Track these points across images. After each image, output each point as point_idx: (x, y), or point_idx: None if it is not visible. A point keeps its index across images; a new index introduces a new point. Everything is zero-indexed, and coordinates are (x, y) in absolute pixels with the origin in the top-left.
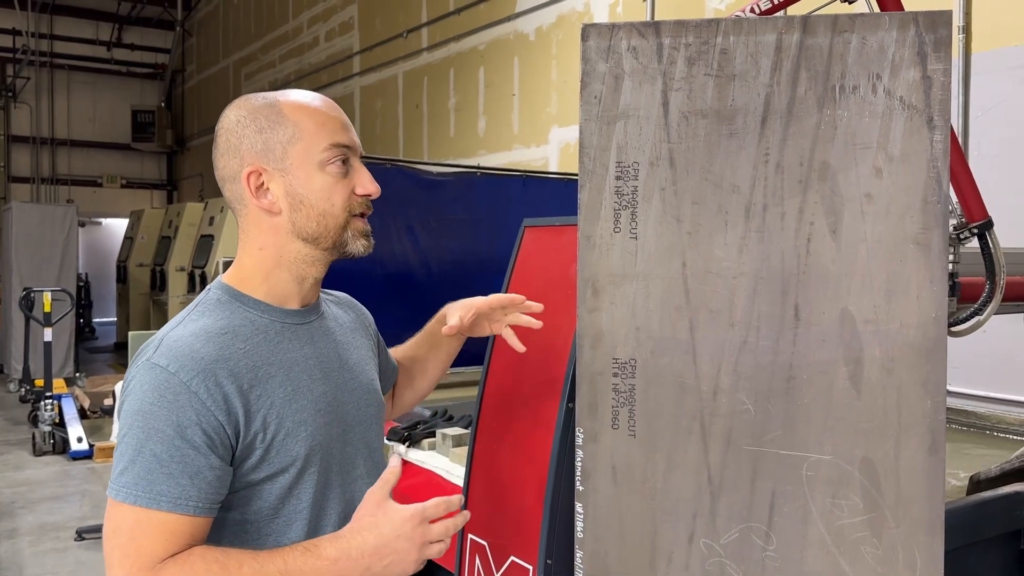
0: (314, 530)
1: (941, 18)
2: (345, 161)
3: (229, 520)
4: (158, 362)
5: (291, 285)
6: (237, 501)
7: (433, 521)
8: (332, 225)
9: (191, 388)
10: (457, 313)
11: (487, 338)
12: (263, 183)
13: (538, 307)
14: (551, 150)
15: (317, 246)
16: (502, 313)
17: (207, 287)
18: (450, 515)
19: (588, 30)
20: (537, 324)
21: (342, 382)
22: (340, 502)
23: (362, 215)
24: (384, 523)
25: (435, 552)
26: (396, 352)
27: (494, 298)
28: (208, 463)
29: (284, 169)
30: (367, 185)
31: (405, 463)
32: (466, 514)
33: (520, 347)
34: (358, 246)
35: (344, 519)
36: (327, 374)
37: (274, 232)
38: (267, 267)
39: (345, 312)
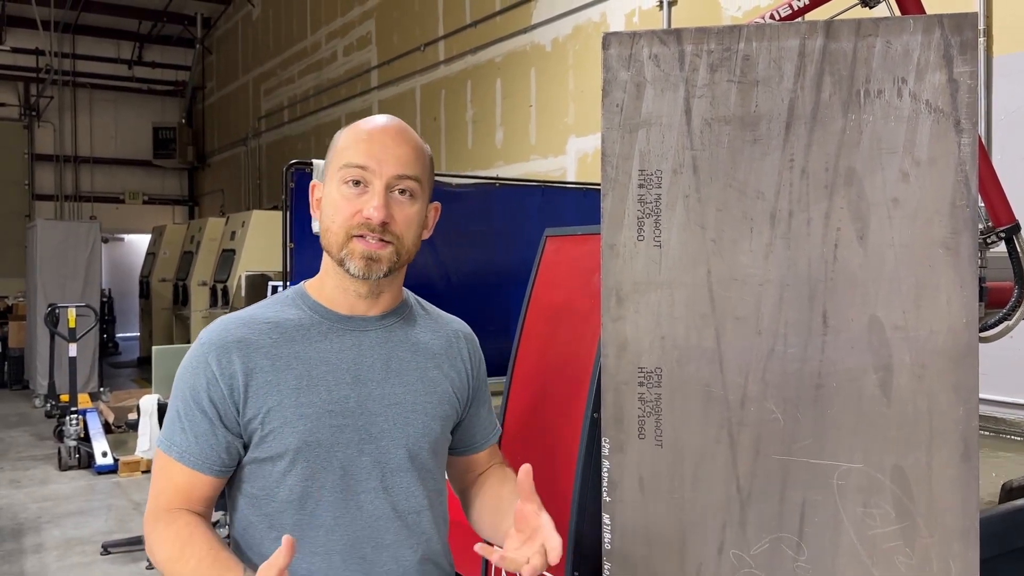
0: (300, 527)
1: (967, 21)
2: (359, 183)
3: (245, 491)
4: (201, 335)
5: (336, 292)
6: (248, 474)
7: None
8: (333, 241)
9: (207, 360)
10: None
11: (509, 348)
12: (320, 197)
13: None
14: (568, 160)
15: (331, 259)
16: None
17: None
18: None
19: (609, 39)
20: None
21: (379, 394)
22: (338, 507)
23: (364, 237)
24: None
25: None
26: (480, 481)
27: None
28: (211, 428)
29: (324, 184)
30: (368, 210)
31: None
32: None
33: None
34: (353, 266)
35: (343, 526)
36: (360, 380)
37: None
38: (324, 271)
39: (440, 340)
